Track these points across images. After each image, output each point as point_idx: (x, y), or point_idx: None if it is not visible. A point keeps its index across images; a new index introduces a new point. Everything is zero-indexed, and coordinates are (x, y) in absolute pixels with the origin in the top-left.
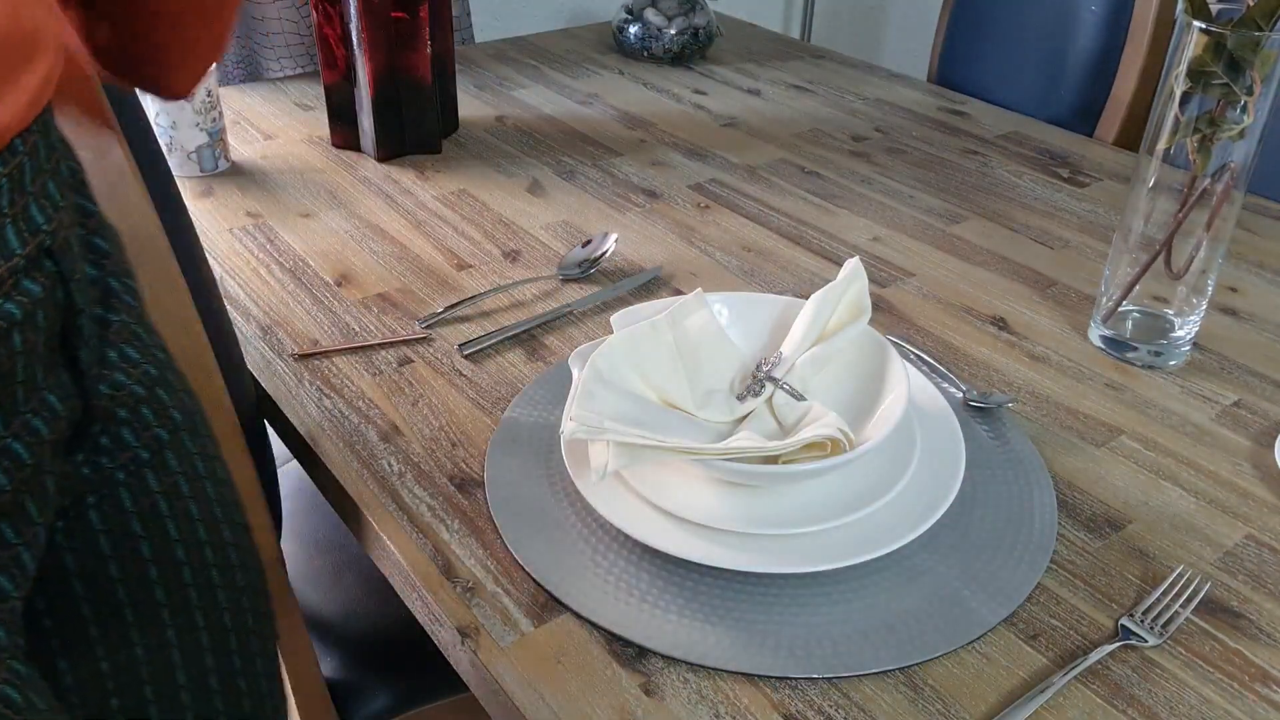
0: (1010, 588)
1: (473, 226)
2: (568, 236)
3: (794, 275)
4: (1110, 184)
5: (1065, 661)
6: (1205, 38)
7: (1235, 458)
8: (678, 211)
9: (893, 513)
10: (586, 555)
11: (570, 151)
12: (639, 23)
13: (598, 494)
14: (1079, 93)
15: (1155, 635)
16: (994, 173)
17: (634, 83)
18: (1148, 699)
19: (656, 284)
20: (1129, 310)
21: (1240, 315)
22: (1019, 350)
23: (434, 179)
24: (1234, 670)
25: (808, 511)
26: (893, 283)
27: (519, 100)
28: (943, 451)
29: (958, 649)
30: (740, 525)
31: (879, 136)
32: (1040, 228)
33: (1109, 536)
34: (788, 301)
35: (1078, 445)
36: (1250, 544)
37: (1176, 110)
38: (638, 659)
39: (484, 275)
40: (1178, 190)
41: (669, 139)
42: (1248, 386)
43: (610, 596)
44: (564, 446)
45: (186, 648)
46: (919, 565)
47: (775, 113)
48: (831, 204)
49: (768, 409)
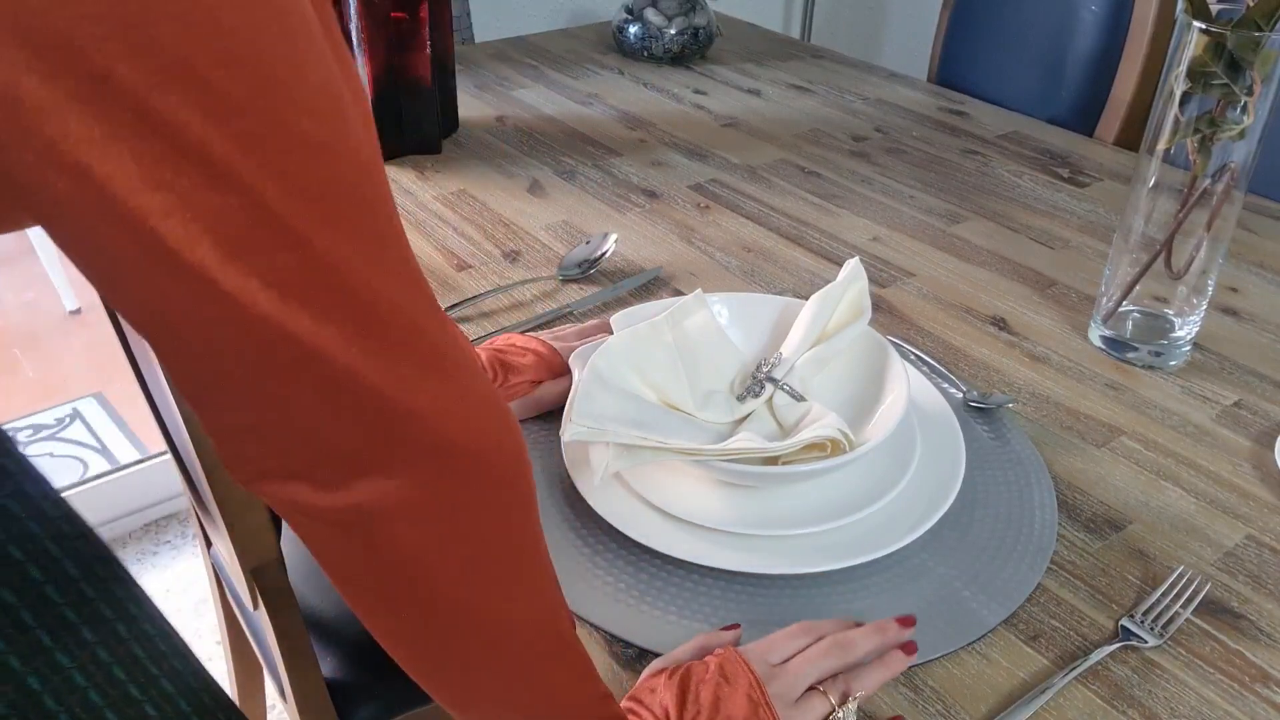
0: (1010, 588)
1: (473, 227)
2: (568, 236)
3: (794, 275)
4: (1110, 184)
5: (1065, 662)
6: (1205, 38)
7: (1235, 458)
8: (678, 211)
9: (893, 513)
10: (586, 556)
11: (570, 151)
12: (639, 23)
13: (598, 495)
14: (1079, 93)
15: (1155, 636)
16: (994, 173)
17: (634, 83)
18: (1148, 700)
19: (656, 284)
20: (1129, 310)
21: (1240, 315)
22: (1019, 350)
23: (434, 179)
24: (1234, 671)
25: (808, 512)
26: (893, 283)
27: (519, 100)
28: (943, 452)
29: (958, 649)
30: (740, 526)
31: (879, 136)
32: (1040, 228)
33: (1109, 537)
34: (787, 302)
35: (1078, 445)
36: (1250, 544)
37: (1176, 110)
38: (638, 659)
39: (484, 276)
40: (1178, 190)
41: (669, 139)
42: (1248, 387)
43: (610, 598)
44: (564, 447)
45: None
46: (919, 566)
47: (775, 113)
48: (831, 204)
49: (768, 410)
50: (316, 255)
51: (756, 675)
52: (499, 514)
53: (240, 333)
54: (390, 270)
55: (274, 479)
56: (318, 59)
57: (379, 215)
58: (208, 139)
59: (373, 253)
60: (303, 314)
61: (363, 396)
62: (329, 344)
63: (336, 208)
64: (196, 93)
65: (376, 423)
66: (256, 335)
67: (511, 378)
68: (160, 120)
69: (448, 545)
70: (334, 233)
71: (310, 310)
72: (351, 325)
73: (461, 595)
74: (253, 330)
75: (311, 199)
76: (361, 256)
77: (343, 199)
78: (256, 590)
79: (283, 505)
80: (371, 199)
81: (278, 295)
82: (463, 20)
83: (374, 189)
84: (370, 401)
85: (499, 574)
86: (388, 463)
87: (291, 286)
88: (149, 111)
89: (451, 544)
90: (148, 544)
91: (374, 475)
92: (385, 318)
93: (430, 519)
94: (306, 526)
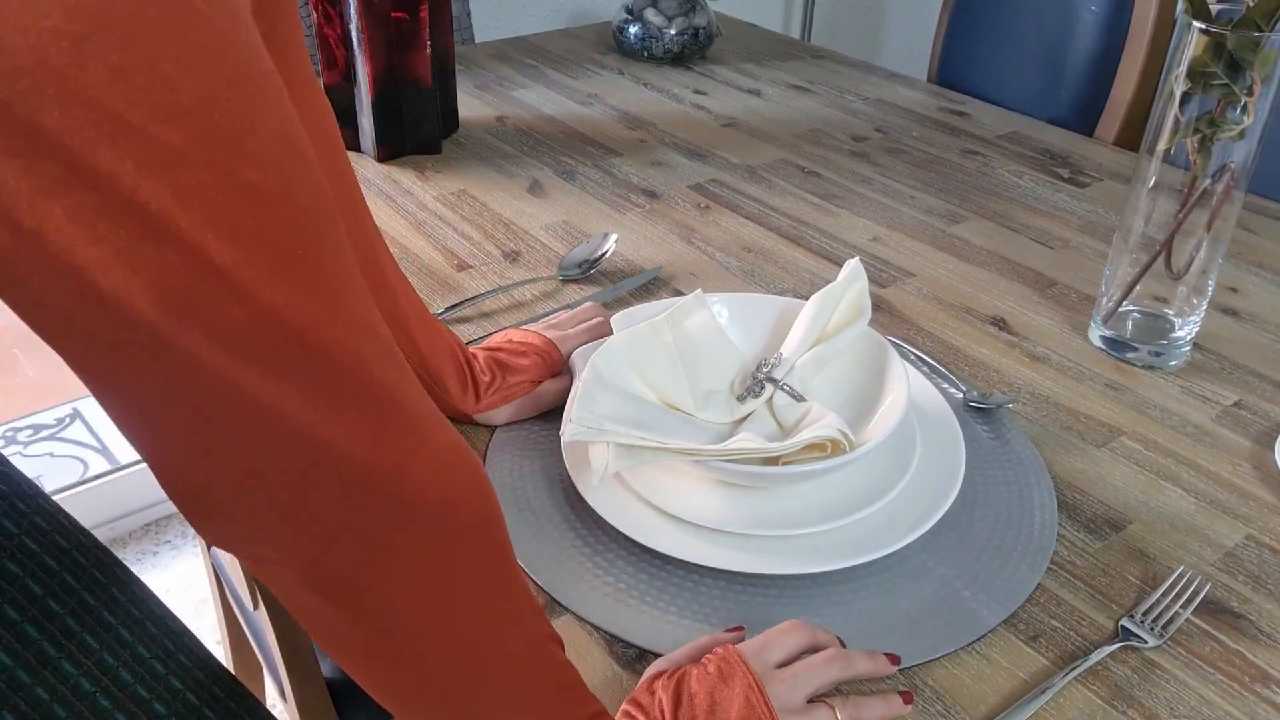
0: (1010, 588)
1: (473, 227)
2: (568, 236)
3: (794, 275)
4: (1110, 184)
5: (1065, 662)
6: (1205, 38)
7: (1235, 458)
8: (678, 211)
9: (893, 513)
10: (587, 557)
11: (570, 151)
12: (639, 23)
13: (598, 495)
14: (1079, 93)
15: (1155, 636)
16: (994, 173)
17: (634, 83)
18: (1148, 700)
19: (656, 284)
20: (1129, 310)
21: (1240, 315)
22: (1019, 350)
23: (434, 179)
24: (1234, 671)
25: (808, 512)
26: (893, 283)
27: (519, 100)
28: (943, 452)
29: (958, 650)
30: (740, 526)
31: (879, 136)
32: (1040, 228)
33: (1109, 537)
34: (787, 302)
35: (1078, 446)
36: (1250, 545)
37: (1176, 110)
38: (638, 660)
39: (484, 276)
40: (1178, 190)
41: (669, 139)
42: (1248, 387)
43: (610, 598)
44: (564, 448)
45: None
46: (919, 566)
47: (775, 113)
48: (831, 204)
49: (768, 410)
50: (264, 308)
51: (755, 675)
52: (473, 565)
53: (189, 391)
54: (345, 321)
55: (240, 542)
56: (271, 105)
57: (334, 264)
58: (143, 191)
59: (326, 304)
60: (252, 369)
61: (321, 455)
62: (281, 400)
63: (286, 259)
64: (131, 144)
65: (335, 482)
66: (206, 393)
67: (510, 378)
68: (93, 172)
69: (426, 602)
70: (283, 284)
71: (260, 365)
72: (304, 380)
73: (444, 648)
74: (202, 388)
75: (258, 249)
76: (314, 308)
77: (293, 249)
78: (256, 590)
79: (255, 567)
80: (325, 247)
81: (224, 350)
82: (463, 20)
83: (329, 237)
84: (328, 460)
85: (480, 621)
86: (350, 524)
87: (239, 341)
88: (81, 164)
89: (430, 601)
90: (148, 544)
91: (340, 537)
92: (340, 371)
93: (403, 579)
94: (278, 586)
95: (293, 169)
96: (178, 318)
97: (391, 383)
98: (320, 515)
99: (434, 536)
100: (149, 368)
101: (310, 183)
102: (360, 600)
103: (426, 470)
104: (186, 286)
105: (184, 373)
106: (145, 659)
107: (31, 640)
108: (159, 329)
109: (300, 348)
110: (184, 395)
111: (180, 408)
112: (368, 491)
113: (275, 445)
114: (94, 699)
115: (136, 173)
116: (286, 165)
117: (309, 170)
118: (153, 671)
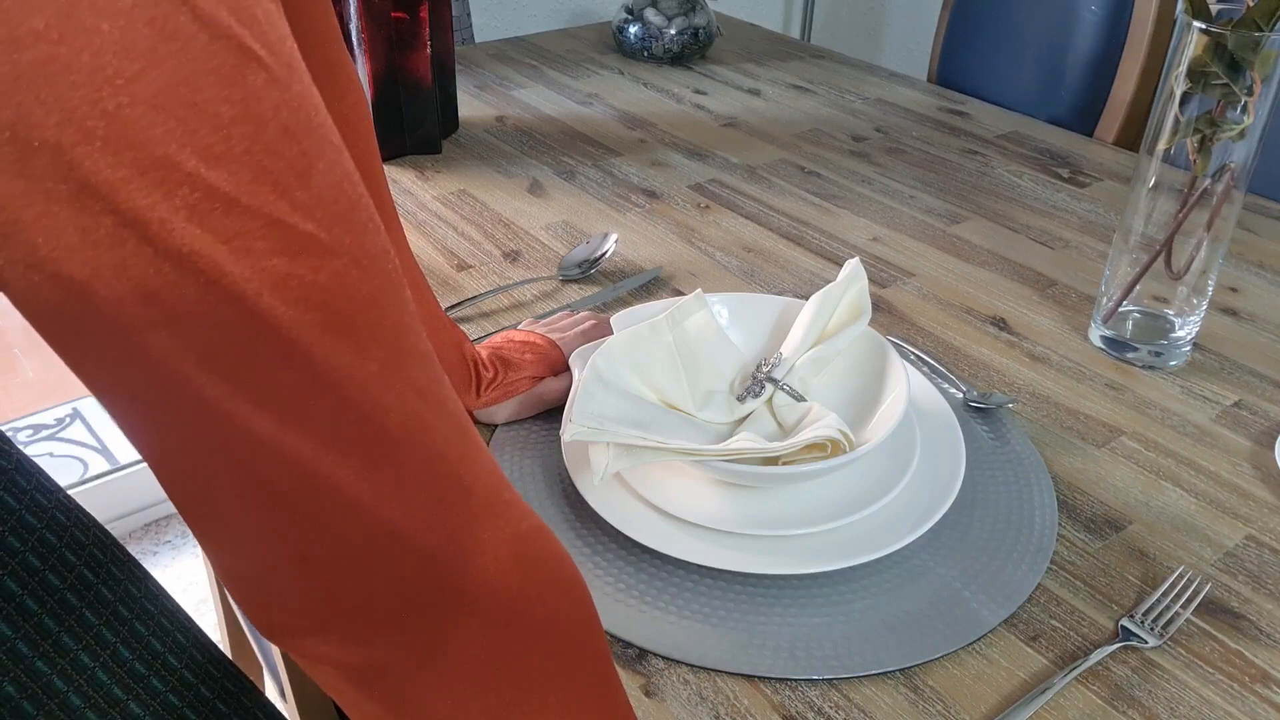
0: (1010, 588)
1: (473, 227)
2: (568, 236)
3: (794, 275)
4: (1110, 184)
5: (1065, 662)
6: (1205, 38)
7: (1235, 458)
8: (678, 211)
9: (893, 513)
10: (586, 557)
11: (570, 151)
12: (639, 23)
13: (598, 495)
14: (1079, 93)
15: (1155, 636)
16: (994, 173)
17: (634, 83)
18: (1148, 700)
19: (656, 284)
20: (1129, 310)
21: (1240, 315)
22: (1019, 350)
23: (434, 179)
24: (1234, 671)
25: (808, 512)
26: (893, 283)
27: (519, 100)
28: (943, 452)
29: (958, 650)
30: (740, 526)
31: (879, 136)
32: (1040, 228)
33: (1109, 537)
34: (787, 302)
35: (1078, 446)
36: (1250, 545)
37: (1176, 110)
38: (638, 660)
39: (484, 276)
40: (1178, 190)
41: (669, 139)
42: (1248, 387)
43: (610, 598)
44: (564, 448)
45: None
46: (919, 566)
47: (775, 113)
48: (831, 204)
49: (768, 410)
50: (318, 373)
51: None
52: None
53: (236, 461)
54: (408, 390)
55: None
56: (329, 157)
57: (396, 329)
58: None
59: (386, 370)
60: (304, 439)
61: (375, 535)
62: (334, 474)
63: (343, 319)
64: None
65: (389, 567)
66: (253, 463)
67: (511, 374)
68: (140, 221)
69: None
70: (337, 343)
71: (312, 435)
72: (359, 453)
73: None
74: (248, 457)
75: (313, 307)
76: (373, 375)
77: (352, 310)
78: None
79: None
80: (387, 310)
81: (276, 418)
82: (463, 20)
83: (392, 299)
84: (382, 542)
85: None
86: (404, 614)
87: (291, 408)
88: (126, 211)
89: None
90: (148, 544)
91: (392, 628)
92: (399, 444)
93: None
94: (326, 678)
95: (350, 225)
96: (226, 382)
97: (453, 459)
98: (370, 601)
99: (498, 634)
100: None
101: (371, 241)
102: (401, 693)
103: (493, 558)
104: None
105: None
106: (143, 635)
107: (32, 613)
108: (207, 393)
109: (356, 417)
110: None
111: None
112: (423, 578)
113: (324, 524)
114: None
115: (186, 221)
116: (345, 220)
117: (368, 228)
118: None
